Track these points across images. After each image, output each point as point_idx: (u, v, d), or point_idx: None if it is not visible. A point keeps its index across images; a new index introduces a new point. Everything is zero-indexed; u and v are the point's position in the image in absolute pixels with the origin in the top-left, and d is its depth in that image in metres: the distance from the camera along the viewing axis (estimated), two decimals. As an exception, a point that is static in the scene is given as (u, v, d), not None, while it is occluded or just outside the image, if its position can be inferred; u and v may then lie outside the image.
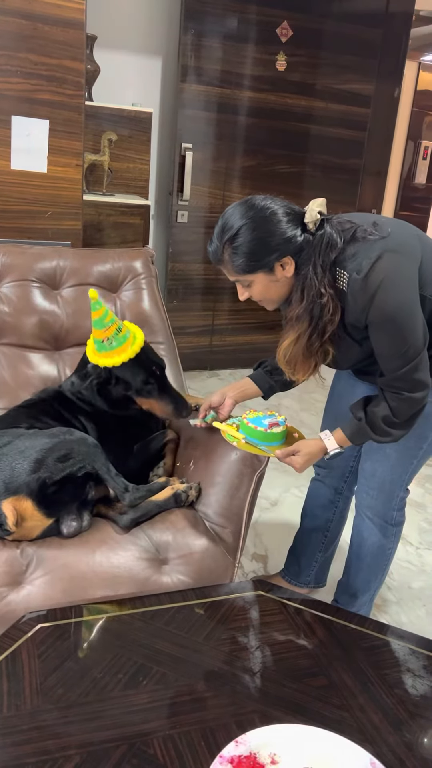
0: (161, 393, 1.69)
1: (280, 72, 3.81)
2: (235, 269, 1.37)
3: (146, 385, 1.66)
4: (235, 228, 1.34)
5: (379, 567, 1.80)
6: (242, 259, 1.35)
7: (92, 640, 1.18)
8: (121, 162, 3.40)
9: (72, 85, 2.23)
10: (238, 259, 1.35)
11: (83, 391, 1.70)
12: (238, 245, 1.34)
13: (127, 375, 1.65)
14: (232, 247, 1.35)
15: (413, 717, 1.07)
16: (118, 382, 1.66)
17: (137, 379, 1.65)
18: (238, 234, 1.33)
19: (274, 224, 1.34)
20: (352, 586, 1.84)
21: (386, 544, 1.76)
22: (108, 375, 1.65)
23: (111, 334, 1.60)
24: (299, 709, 1.06)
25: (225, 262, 1.38)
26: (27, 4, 2.11)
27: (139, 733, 0.99)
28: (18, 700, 1.04)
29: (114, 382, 1.66)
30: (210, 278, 4.02)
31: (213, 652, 1.18)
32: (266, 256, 1.34)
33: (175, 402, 1.70)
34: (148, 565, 1.45)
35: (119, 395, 1.68)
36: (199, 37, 3.55)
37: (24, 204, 2.30)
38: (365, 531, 1.76)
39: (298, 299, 1.38)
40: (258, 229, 1.33)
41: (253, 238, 1.33)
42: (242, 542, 1.59)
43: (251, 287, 1.41)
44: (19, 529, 1.45)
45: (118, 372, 1.64)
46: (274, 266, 1.36)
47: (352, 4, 3.87)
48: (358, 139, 4.14)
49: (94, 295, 1.55)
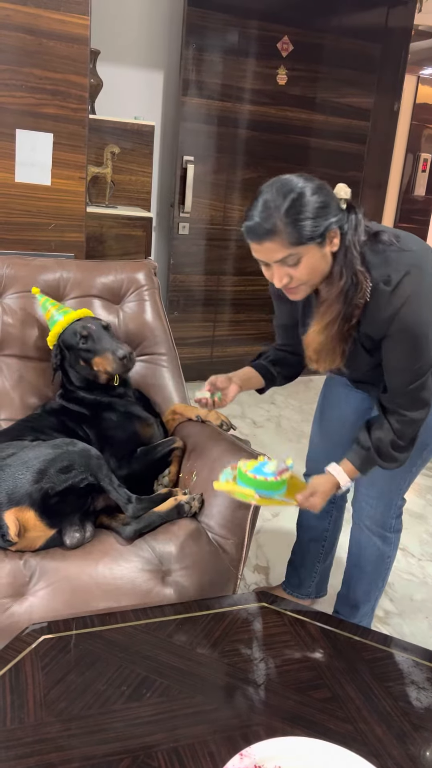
0: (98, 347, 1.75)
1: (280, 86, 3.85)
2: (292, 238, 1.22)
3: (85, 342, 1.75)
4: (298, 189, 1.23)
5: (379, 576, 1.80)
6: (306, 222, 1.22)
7: (95, 652, 1.18)
8: (124, 174, 3.43)
9: (76, 99, 2.26)
10: (299, 224, 1.22)
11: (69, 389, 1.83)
12: (302, 208, 1.22)
13: (68, 338, 1.79)
14: (294, 211, 1.21)
15: (417, 729, 1.06)
16: (68, 350, 1.79)
17: (75, 339, 1.76)
18: (302, 195, 1.22)
19: (326, 189, 1.27)
20: (353, 598, 1.84)
21: (386, 552, 1.76)
22: (59, 348, 1.81)
23: (56, 310, 1.84)
24: (304, 721, 1.06)
25: (278, 233, 1.23)
26: (32, 20, 2.14)
27: (142, 746, 0.99)
28: (21, 712, 1.03)
29: (71, 354, 1.79)
30: (211, 289, 4.04)
31: (217, 664, 1.17)
32: (326, 220, 1.24)
33: (111, 348, 1.74)
34: (151, 576, 1.44)
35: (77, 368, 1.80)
36: (200, 52, 3.59)
37: (28, 216, 2.32)
38: (364, 541, 1.76)
39: (337, 278, 1.30)
40: (319, 192, 1.24)
41: (316, 200, 1.23)
42: (245, 554, 1.59)
43: (298, 264, 1.27)
44: (21, 540, 1.45)
45: (63, 341, 1.80)
46: (327, 236, 1.26)
47: (352, 19, 3.92)
48: (358, 152, 4.17)
49: (36, 290, 1.88)
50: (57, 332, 1.81)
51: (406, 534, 2.64)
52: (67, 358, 1.81)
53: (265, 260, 1.28)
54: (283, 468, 1.41)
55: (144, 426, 1.79)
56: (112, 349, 1.73)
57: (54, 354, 1.82)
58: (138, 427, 1.78)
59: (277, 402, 3.85)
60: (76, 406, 1.80)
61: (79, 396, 1.81)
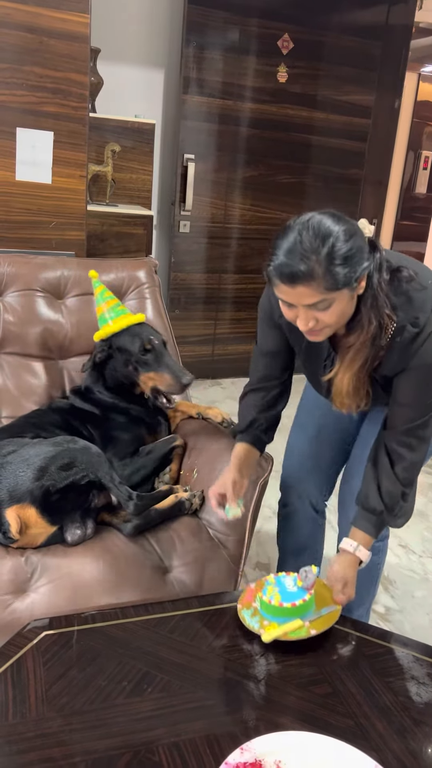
0: (159, 361, 1.71)
1: (281, 84, 3.84)
2: (328, 283, 1.17)
3: (145, 354, 1.70)
4: (335, 233, 1.17)
5: (371, 582, 1.75)
6: (344, 269, 1.16)
7: (97, 647, 1.18)
8: (124, 173, 3.43)
9: (76, 97, 2.26)
10: (336, 270, 1.16)
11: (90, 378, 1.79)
12: (340, 253, 1.16)
13: (126, 342, 1.73)
14: (332, 256, 1.16)
15: (418, 724, 1.07)
16: (120, 353, 1.73)
17: (135, 346, 1.71)
18: (339, 239, 1.17)
19: (360, 231, 1.22)
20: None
21: (376, 561, 1.70)
22: (109, 347, 1.74)
23: (111, 306, 1.73)
24: (304, 716, 1.06)
25: (314, 278, 1.16)
26: (32, 18, 2.14)
27: (143, 741, 0.99)
28: (23, 707, 1.04)
29: (116, 355, 1.74)
30: (212, 288, 4.04)
31: (217, 660, 1.18)
32: (361, 266, 1.19)
33: (174, 371, 1.71)
34: (151, 573, 1.45)
35: (123, 372, 1.75)
36: (200, 50, 3.59)
37: (28, 215, 2.32)
38: None
39: (366, 324, 1.26)
40: (354, 236, 1.19)
41: (352, 245, 1.18)
42: (246, 550, 1.59)
43: (330, 309, 1.20)
44: (23, 537, 1.46)
45: (116, 342, 1.74)
46: (358, 280, 1.21)
47: (353, 17, 3.92)
48: (359, 150, 4.17)
49: (94, 274, 1.72)
50: (110, 332, 1.74)
51: (407, 531, 2.65)
52: (114, 359, 1.75)
53: (293, 302, 1.22)
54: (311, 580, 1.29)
55: (150, 434, 1.79)
56: (175, 371, 1.70)
57: (100, 349, 1.75)
58: (144, 432, 1.78)
59: (278, 400, 3.85)
60: (89, 406, 1.78)
61: (98, 397, 1.78)
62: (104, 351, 1.75)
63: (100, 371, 1.79)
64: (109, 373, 1.78)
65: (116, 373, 1.77)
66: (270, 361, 1.54)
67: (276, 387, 1.56)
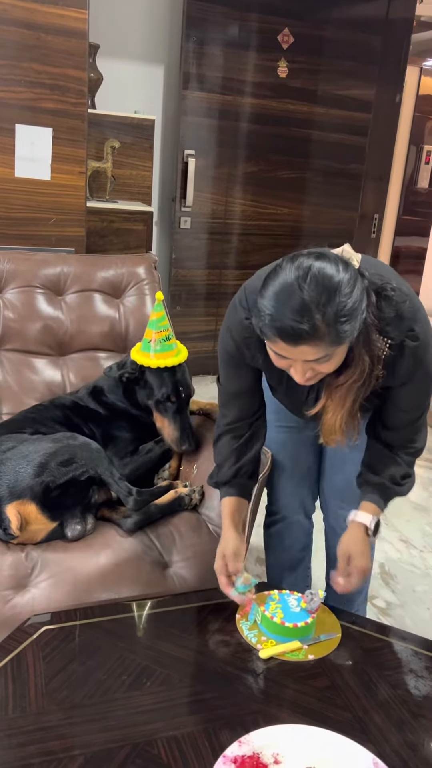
0: (176, 416, 1.69)
1: (281, 78, 3.83)
2: (334, 341, 1.07)
3: (167, 401, 1.68)
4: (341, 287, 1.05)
5: None
6: (350, 323, 1.07)
7: (96, 642, 1.19)
8: (124, 169, 3.43)
9: (75, 93, 2.26)
10: (344, 328, 1.06)
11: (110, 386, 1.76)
12: (347, 308, 1.06)
13: (156, 382, 1.69)
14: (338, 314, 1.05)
15: (416, 717, 1.07)
16: (145, 386, 1.71)
17: (162, 391, 1.68)
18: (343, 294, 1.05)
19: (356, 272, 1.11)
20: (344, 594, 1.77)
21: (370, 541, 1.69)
22: (140, 374, 1.71)
23: (160, 338, 1.67)
24: (302, 709, 1.07)
25: (318, 337, 1.05)
26: (30, 15, 2.14)
27: (143, 734, 1.00)
28: (23, 701, 1.04)
29: (142, 385, 1.72)
30: (213, 283, 4.04)
31: (216, 654, 1.18)
32: (363, 314, 1.10)
33: (183, 431, 1.69)
34: (151, 568, 1.45)
35: (142, 401, 1.73)
36: (200, 45, 3.58)
37: (28, 211, 2.33)
38: None
39: (359, 361, 1.17)
40: (355, 282, 1.08)
41: (355, 294, 1.07)
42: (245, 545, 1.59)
43: (329, 361, 1.12)
44: (23, 533, 1.47)
45: (149, 376, 1.70)
46: None
47: (353, 11, 3.90)
48: (360, 145, 4.15)
49: (160, 296, 1.68)
50: (146, 363, 1.69)
51: (408, 526, 2.65)
52: (139, 384, 1.73)
53: (291, 358, 1.12)
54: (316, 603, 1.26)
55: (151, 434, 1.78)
56: (181, 433, 1.69)
57: (131, 370, 1.71)
58: (145, 433, 1.77)
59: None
60: (96, 405, 1.77)
61: (110, 400, 1.77)
62: (134, 374, 1.72)
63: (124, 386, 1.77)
64: (130, 388, 1.76)
65: (135, 396, 1.75)
66: (244, 402, 1.42)
67: (252, 425, 1.45)
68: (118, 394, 1.76)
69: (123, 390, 1.76)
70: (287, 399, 1.43)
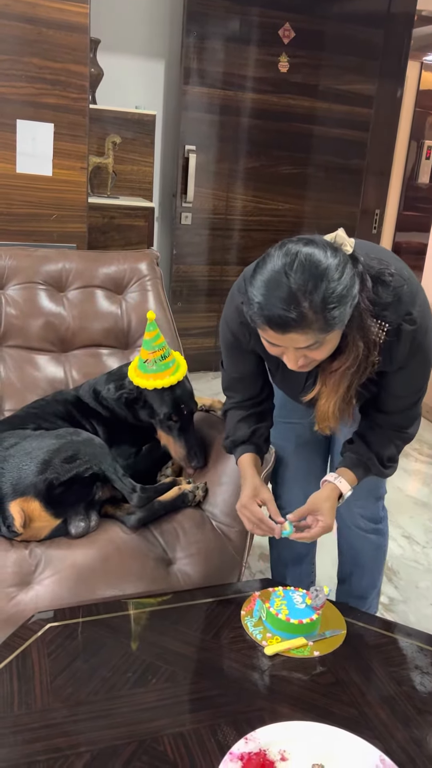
0: (180, 434, 1.66)
1: (282, 73, 3.81)
2: (323, 327, 1.07)
3: (169, 420, 1.65)
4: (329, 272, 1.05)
5: (380, 564, 1.75)
6: (339, 309, 1.06)
7: (101, 639, 1.19)
8: (125, 165, 3.42)
9: (76, 88, 2.25)
10: (332, 314, 1.06)
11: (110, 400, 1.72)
12: (335, 294, 1.05)
13: (156, 402, 1.65)
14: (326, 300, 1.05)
15: (421, 713, 1.07)
16: (144, 406, 1.67)
17: (162, 410, 1.64)
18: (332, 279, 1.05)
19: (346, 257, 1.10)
20: (357, 590, 1.77)
21: (381, 541, 1.70)
22: (138, 395, 1.66)
23: (155, 358, 1.62)
24: (308, 706, 1.06)
25: (307, 324, 1.06)
26: (31, 9, 2.13)
27: (148, 731, 1.00)
28: (29, 698, 1.04)
29: (141, 404, 1.68)
30: (214, 279, 4.03)
31: (221, 651, 1.18)
32: (354, 299, 1.09)
33: (190, 449, 1.66)
34: (155, 564, 1.45)
35: (144, 419, 1.70)
36: (201, 40, 3.56)
37: (29, 207, 2.32)
38: (359, 542, 1.68)
39: (353, 347, 1.17)
40: (344, 267, 1.08)
41: (344, 281, 1.07)
42: (249, 542, 1.59)
43: (321, 348, 1.12)
44: (27, 530, 1.46)
45: (148, 396, 1.65)
46: None
47: (354, 5, 3.88)
48: (361, 140, 4.14)
49: (152, 315, 1.60)
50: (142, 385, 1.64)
51: (411, 522, 2.65)
52: (139, 404, 1.68)
53: (282, 345, 1.12)
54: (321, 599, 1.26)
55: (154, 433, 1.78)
56: (189, 452, 1.65)
57: (129, 390, 1.67)
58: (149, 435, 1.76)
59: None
60: (98, 406, 1.74)
61: (110, 405, 1.73)
62: (132, 395, 1.67)
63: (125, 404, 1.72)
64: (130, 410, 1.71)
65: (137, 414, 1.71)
66: (247, 384, 1.46)
67: (261, 403, 1.49)
68: (120, 406, 1.72)
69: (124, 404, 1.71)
70: (285, 384, 1.44)
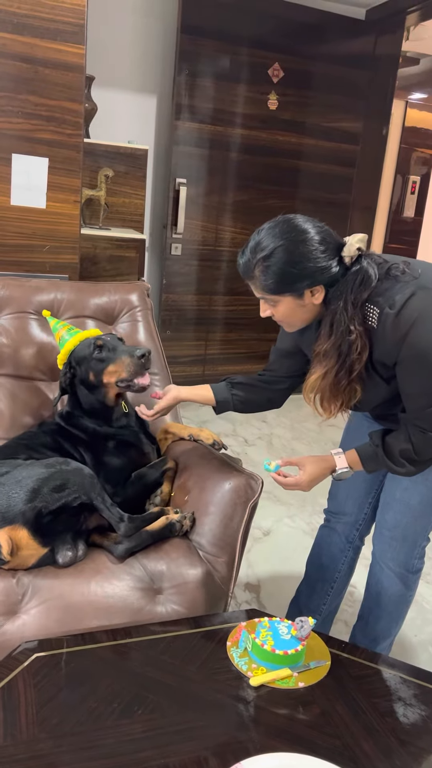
0: (115, 354, 1.73)
1: (271, 110, 3.93)
2: (264, 288, 1.33)
3: (99, 352, 1.73)
4: (269, 248, 1.30)
5: (400, 614, 1.73)
6: (272, 279, 1.31)
7: (87, 669, 1.19)
8: (117, 197, 3.48)
9: (71, 125, 2.31)
10: (267, 279, 1.31)
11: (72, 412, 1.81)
12: (270, 265, 1.30)
13: (81, 350, 1.76)
14: (263, 266, 1.30)
15: (404, 745, 1.08)
16: (79, 365, 1.77)
17: (88, 350, 1.75)
18: (271, 254, 1.29)
19: (310, 251, 1.30)
20: (372, 632, 1.75)
21: (407, 593, 1.69)
22: (69, 365, 1.79)
23: (67, 330, 1.82)
24: (293, 737, 1.07)
25: (255, 279, 1.33)
26: (29, 49, 2.19)
27: (133, 762, 1.00)
28: (14, 729, 1.04)
29: (78, 369, 1.78)
30: (203, 309, 4.08)
31: (207, 682, 1.19)
32: (297, 282, 1.30)
33: (129, 351, 1.72)
34: (142, 594, 1.46)
35: (88, 384, 1.77)
36: (192, 77, 3.67)
37: (23, 238, 2.36)
38: (386, 581, 1.68)
39: (327, 334, 1.34)
40: (292, 252, 1.29)
41: (286, 261, 1.29)
42: (236, 572, 1.60)
43: (276, 307, 1.36)
44: (14, 558, 1.47)
45: (74, 357, 1.77)
46: (304, 292, 1.32)
47: (341, 47, 4.02)
48: (348, 175, 4.25)
49: (47, 313, 1.90)
50: (68, 350, 1.78)
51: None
52: (78, 374, 1.77)
53: None
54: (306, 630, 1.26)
55: (140, 455, 1.80)
56: (129, 351, 1.71)
57: (63, 373, 1.78)
58: (135, 455, 1.79)
59: (268, 420, 3.88)
60: (76, 430, 1.78)
61: (80, 422, 1.78)
62: (66, 372, 1.78)
63: (75, 396, 1.80)
64: (82, 395, 1.79)
65: (85, 388, 1.78)
66: (279, 357, 1.66)
67: (274, 383, 1.66)
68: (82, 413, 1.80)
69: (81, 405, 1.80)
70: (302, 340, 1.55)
